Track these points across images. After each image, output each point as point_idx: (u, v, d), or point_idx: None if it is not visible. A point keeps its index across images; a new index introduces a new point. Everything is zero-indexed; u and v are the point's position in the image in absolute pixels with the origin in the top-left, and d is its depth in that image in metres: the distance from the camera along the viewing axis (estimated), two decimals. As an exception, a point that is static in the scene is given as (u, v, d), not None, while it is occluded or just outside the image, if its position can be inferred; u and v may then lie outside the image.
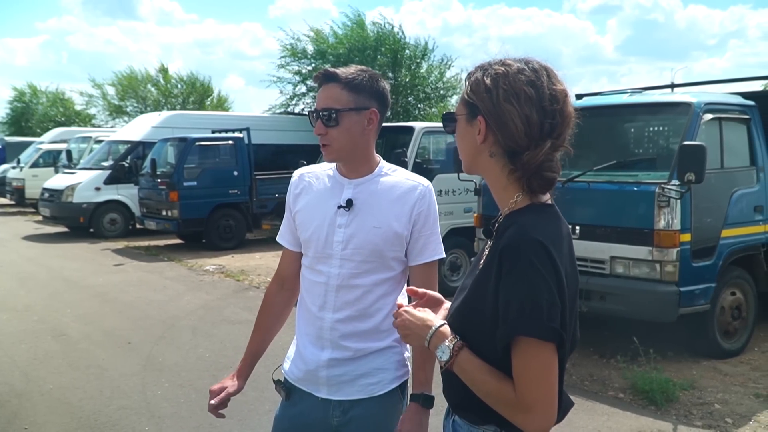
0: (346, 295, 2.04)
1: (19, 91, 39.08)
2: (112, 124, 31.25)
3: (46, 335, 6.65)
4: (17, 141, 26.65)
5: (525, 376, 1.40)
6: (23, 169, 19.71)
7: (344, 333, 2.04)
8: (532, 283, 1.38)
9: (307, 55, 19.23)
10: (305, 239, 2.11)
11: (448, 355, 1.48)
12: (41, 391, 5.10)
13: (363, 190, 2.06)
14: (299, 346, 2.14)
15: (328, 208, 2.06)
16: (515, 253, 1.41)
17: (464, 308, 1.56)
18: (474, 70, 1.56)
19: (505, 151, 1.51)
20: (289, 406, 2.16)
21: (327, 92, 2.00)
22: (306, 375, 2.09)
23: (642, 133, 6.58)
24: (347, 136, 2.00)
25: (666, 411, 4.69)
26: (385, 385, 2.08)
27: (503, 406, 1.44)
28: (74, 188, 14.05)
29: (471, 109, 1.53)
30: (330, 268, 2.04)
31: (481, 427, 1.56)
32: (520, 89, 1.47)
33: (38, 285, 9.24)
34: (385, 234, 2.02)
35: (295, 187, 2.17)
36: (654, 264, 5.28)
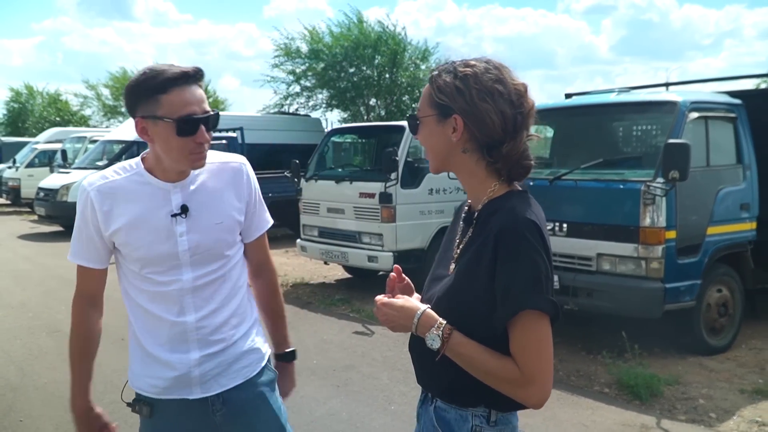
0: (204, 292, 1.98)
1: (15, 92, 39.12)
2: (107, 125, 31.28)
3: (41, 331, 6.71)
4: (13, 141, 26.66)
5: (530, 348, 1.49)
6: (19, 168, 19.77)
7: (212, 328, 1.99)
8: (533, 260, 1.48)
9: (301, 55, 19.31)
10: (140, 257, 1.94)
11: (439, 341, 1.53)
12: (36, 385, 5.17)
13: (192, 190, 1.96)
14: (156, 357, 1.99)
15: (158, 219, 1.92)
16: (513, 233, 1.50)
17: (451, 294, 1.61)
18: (438, 73, 1.64)
19: (480, 145, 1.60)
20: (157, 422, 2.04)
21: (201, 93, 1.87)
22: (174, 381, 1.98)
23: (629, 132, 6.67)
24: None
25: (650, 405, 4.77)
26: (256, 365, 2.08)
27: (505, 382, 1.51)
28: (69, 188, 14.07)
29: (442, 110, 1.61)
30: (181, 276, 1.95)
31: (470, 410, 1.61)
32: (491, 87, 1.58)
33: (33, 283, 9.30)
34: (228, 225, 2.01)
35: (100, 203, 1.92)
36: (639, 261, 5.35)
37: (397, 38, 18.65)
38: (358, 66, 18.25)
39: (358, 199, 7.96)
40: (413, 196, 7.85)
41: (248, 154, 12.90)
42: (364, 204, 7.89)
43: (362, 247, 7.96)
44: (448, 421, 1.64)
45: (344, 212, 8.20)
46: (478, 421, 1.61)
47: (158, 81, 1.80)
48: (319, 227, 8.58)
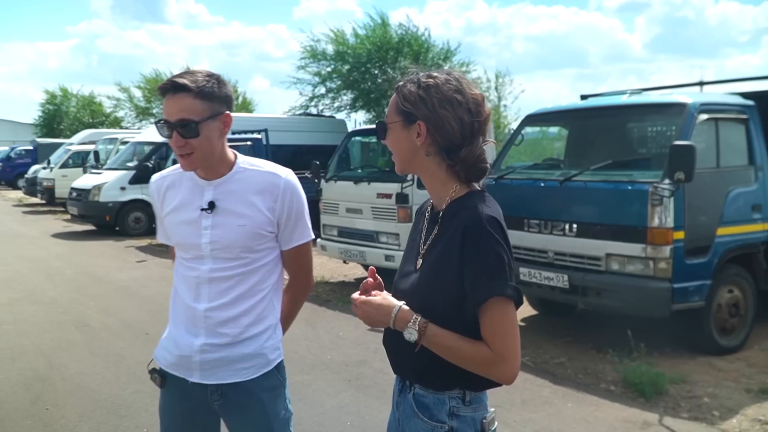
0: (220, 285, 2.13)
1: (50, 94, 39.90)
2: (139, 126, 31.83)
3: (70, 326, 7.00)
4: (48, 142, 27.39)
5: (499, 331, 1.66)
6: (53, 169, 20.31)
7: (219, 320, 2.12)
8: (497, 252, 1.65)
9: (327, 57, 19.50)
10: (176, 242, 2.22)
11: (416, 335, 1.68)
12: (63, 376, 5.43)
13: (224, 190, 2.13)
14: (173, 334, 2.21)
15: (192, 211, 2.13)
16: (478, 229, 1.66)
17: (422, 287, 1.77)
18: (404, 84, 1.81)
19: (441, 149, 1.77)
20: (168, 394, 2.24)
21: (180, 103, 2.00)
22: (178, 360, 2.16)
23: (640, 134, 6.73)
24: (207, 144, 2.05)
25: (655, 403, 4.85)
26: (259, 369, 2.18)
27: (480, 364, 1.67)
28: (100, 188, 14.50)
29: (407, 116, 1.77)
30: (201, 265, 2.13)
31: (446, 393, 1.78)
32: (451, 97, 1.75)
33: (65, 280, 9.63)
34: (250, 230, 2.11)
35: (158, 193, 2.24)
36: (647, 261, 5.42)
37: (420, 39, 18.74)
38: (381, 67, 18.37)
39: (376, 199, 8.12)
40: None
41: (273, 155, 13.14)
42: (382, 204, 8.06)
43: (380, 246, 8.12)
44: (427, 405, 1.79)
45: (362, 212, 8.38)
46: (455, 402, 1.77)
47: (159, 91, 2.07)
48: (339, 227, 8.76)
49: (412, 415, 1.81)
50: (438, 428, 1.76)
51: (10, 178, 30.98)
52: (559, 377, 5.41)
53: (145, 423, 4.48)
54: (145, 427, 4.42)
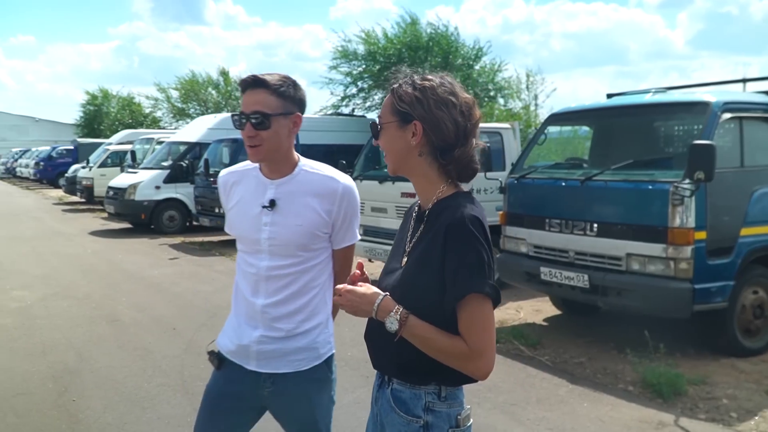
0: (276, 283, 2.26)
1: (91, 95, 40.80)
2: (176, 126, 32.36)
3: (102, 320, 7.21)
4: (89, 142, 28.00)
5: (475, 326, 1.70)
6: (92, 168, 20.79)
7: (275, 316, 2.26)
8: (477, 251, 1.70)
9: (358, 57, 19.61)
10: (237, 235, 2.36)
11: (396, 324, 1.72)
12: (91, 369, 5.61)
13: (284, 190, 2.26)
14: (234, 323, 2.35)
15: (253, 207, 2.26)
16: (460, 227, 1.71)
17: (405, 282, 1.83)
18: (399, 85, 1.86)
19: (434, 149, 1.83)
20: (220, 376, 2.37)
21: (256, 97, 2.17)
22: (238, 349, 2.31)
23: (662, 133, 6.68)
24: (276, 138, 2.19)
25: (672, 404, 4.83)
26: (310, 361, 2.31)
27: (456, 358, 1.72)
28: (136, 187, 14.84)
29: (403, 117, 1.82)
30: (260, 261, 2.26)
31: (423, 389, 1.83)
32: (446, 98, 1.81)
33: (99, 276, 9.91)
34: (307, 230, 2.24)
35: (225, 187, 2.40)
36: (668, 261, 5.38)
37: (449, 39, 18.72)
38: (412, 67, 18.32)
39: (400, 198, 8.19)
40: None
41: (304, 155, 13.20)
42: (406, 204, 8.10)
43: (404, 245, 8.16)
44: (404, 400, 1.84)
45: (387, 211, 8.45)
46: (431, 398, 1.82)
47: (239, 86, 2.28)
48: (364, 226, 8.83)
49: (390, 410, 1.87)
50: (413, 423, 1.81)
51: (52, 177, 31.80)
52: (578, 377, 5.41)
53: (167, 415, 4.61)
54: (166, 419, 4.55)
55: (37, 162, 34.04)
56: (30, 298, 8.25)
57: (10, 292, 8.61)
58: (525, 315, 7.41)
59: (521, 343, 6.17)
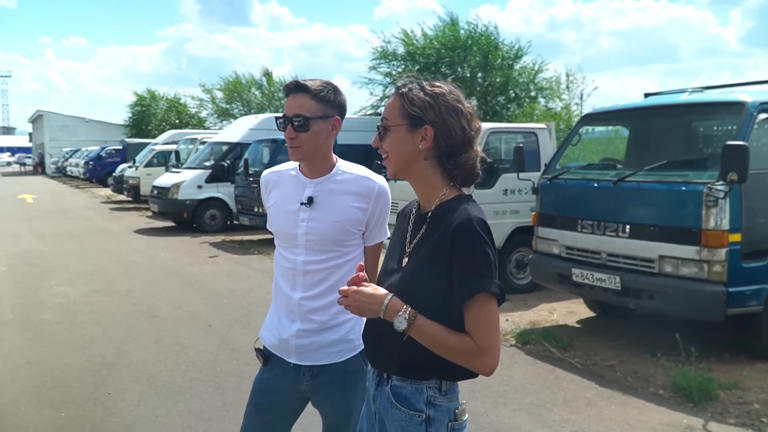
0: (312, 278, 2.37)
1: (139, 96, 41.75)
2: (220, 126, 32.87)
3: (141, 316, 7.41)
4: (136, 142, 28.66)
5: (483, 324, 1.76)
6: (139, 168, 21.29)
7: (311, 308, 2.37)
8: (484, 251, 1.77)
9: (397, 57, 19.65)
10: (275, 231, 2.47)
11: (405, 323, 1.76)
12: (128, 363, 5.77)
13: (322, 189, 2.38)
14: (275, 318, 2.48)
15: (292, 204, 2.39)
16: (468, 229, 1.77)
17: (410, 282, 1.87)
18: (408, 89, 1.90)
19: (440, 154, 1.89)
20: (266, 371, 2.49)
21: (297, 101, 2.30)
22: (279, 342, 2.43)
23: (698, 133, 6.56)
24: (315, 140, 2.31)
25: (702, 408, 4.75)
26: (346, 353, 2.41)
27: (463, 355, 1.77)
28: (179, 186, 15.14)
29: (414, 120, 1.86)
30: (296, 256, 2.38)
31: (424, 383, 1.88)
32: (456, 106, 1.88)
33: (141, 273, 10.17)
34: (342, 226, 2.35)
35: (266, 186, 2.53)
36: (702, 263, 5.29)
37: (489, 38, 18.62)
38: (451, 66, 18.39)
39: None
40: (488, 196, 7.98)
41: (342, 155, 13.24)
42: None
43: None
44: (405, 395, 1.88)
45: (420, 211, 8.44)
46: (432, 392, 1.87)
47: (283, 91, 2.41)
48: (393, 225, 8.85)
49: (390, 407, 1.91)
50: (416, 417, 1.86)
51: (100, 176, 32.64)
52: (607, 380, 5.36)
53: (197, 409, 4.73)
54: (197, 413, 4.67)
55: (87, 161, 34.97)
56: (73, 294, 8.52)
57: (55, 288, 8.90)
58: (558, 317, 7.36)
59: (552, 345, 6.13)
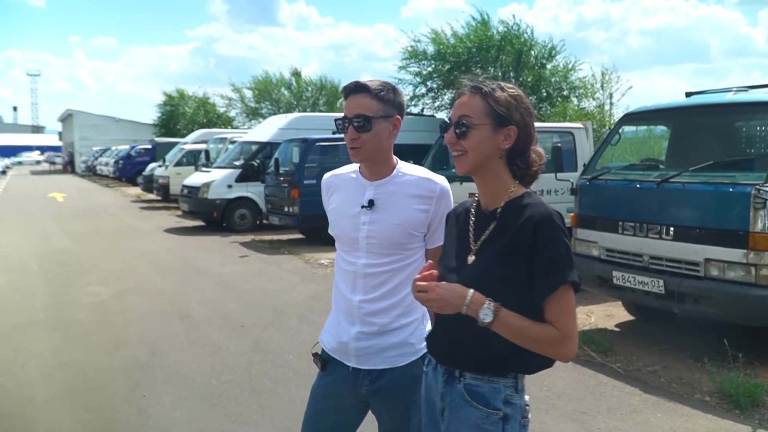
0: (373, 281, 2.33)
1: (168, 96, 42.10)
2: (249, 126, 33.01)
3: (174, 317, 7.40)
4: (165, 141, 28.90)
5: (566, 313, 1.83)
6: (168, 167, 21.41)
7: (371, 311, 2.33)
8: (565, 243, 1.84)
9: (427, 57, 19.52)
10: (336, 235, 2.44)
11: (491, 315, 1.79)
12: (162, 364, 5.75)
13: (383, 191, 2.33)
14: (334, 321, 2.45)
15: (353, 207, 2.35)
16: (550, 222, 1.83)
17: (485, 278, 1.88)
18: (492, 89, 1.92)
19: (515, 154, 1.94)
20: (324, 375, 2.45)
21: (358, 101, 2.27)
22: (339, 346, 2.39)
23: (743, 133, 6.37)
24: (377, 140, 2.28)
25: (750, 415, 4.59)
26: (406, 357, 2.35)
27: (548, 343, 1.82)
28: (209, 185, 15.19)
29: (500, 120, 1.89)
30: (357, 259, 2.34)
31: (500, 382, 1.90)
32: (530, 109, 1.96)
33: (172, 272, 10.19)
34: (404, 229, 2.30)
35: (326, 189, 2.50)
36: (749, 267, 5.13)
37: (522, 38, 18.42)
38: (482, 66, 18.19)
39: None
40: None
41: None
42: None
43: (472, 246, 8.06)
44: (482, 394, 1.90)
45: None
46: (509, 390, 1.91)
47: (342, 92, 2.39)
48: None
49: (464, 404, 1.92)
50: (493, 415, 1.88)
51: (130, 175, 32.92)
52: (651, 386, 5.21)
53: (234, 412, 4.68)
54: (233, 416, 4.62)
55: (117, 160, 35.33)
56: (105, 293, 8.55)
57: (87, 288, 8.93)
58: (596, 320, 7.20)
59: (592, 350, 5.99)
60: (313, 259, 11.45)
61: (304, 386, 5.18)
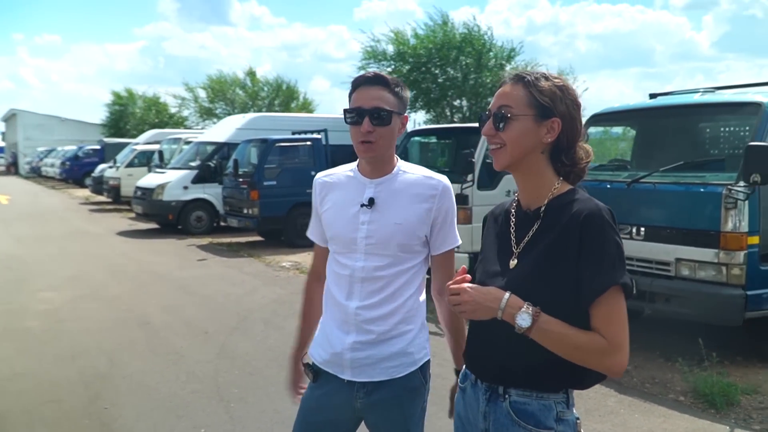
0: (371, 286, 2.18)
1: (117, 95, 41.16)
2: (202, 126, 32.48)
3: (132, 324, 7.11)
4: (115, 142, 28.21)
5: (616, 319, 1.64)
6: (119, 168, 20.88)
7: (368, 318, 2.17)
8: (616, 242, 1.66)
9: (387, 57, 19.43)
10: (331, 236, 2.28)
11: (529, 320, 1.62)
12: (123, 374, 5.49)
13: (384, 189, 2.20)
14: (326, 331, 2.28)
15: (351, 206, 2.21)
16: (599, 219, 1.65)
17: (528, 282, 1.71)
18: (536, 78, 1.76)
19: (558, 148, 1.76)
20: (315, 387, 2.29)
21: (376, 93, 2.13)
22: (332, 357, 2.23)
23: (712, 134, 6.44)
24: (391, 136, 2.17)
25: (725, 414, 4.62)
26: (405, 368, 2.20)
27: (594, 354, 1.63)
28: (164, 187, 14.80)
29: (543, 111, 1.73)
30: (354, 262, 2.19)
31: (551, 398, 1.72)
32: (577, 100, 1.78)
33: (127, 277, 9.84)
34: (406, 229, 2.16)
35: (320, 189, 2.33)
36: (720, 267, 5.17)
37: (483, 39, 18.48)
38: (442, 67, 18.21)
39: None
40: (490, 197, 7.82)
41: (333, 155, 13.18)
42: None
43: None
44: (531, 413, 1.73)
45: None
46: (561, 407, 1.74)
47: (351, 84, 2.21)
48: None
49: (511, 424, 1.75)
50: None
51: (78, 176, 32.02)
52: (625, 386, 5.20)
53: (203, 423, 4.48)
54: (202, 428, 4.42)
55: (63, 161, 34.31)
56: (58, 300, 8.18)
57: (38, 294, 8.54)
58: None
59: (563, 351, 5.95)
60: (274, 261, 11.23)
61: (276, 394, 5.08)
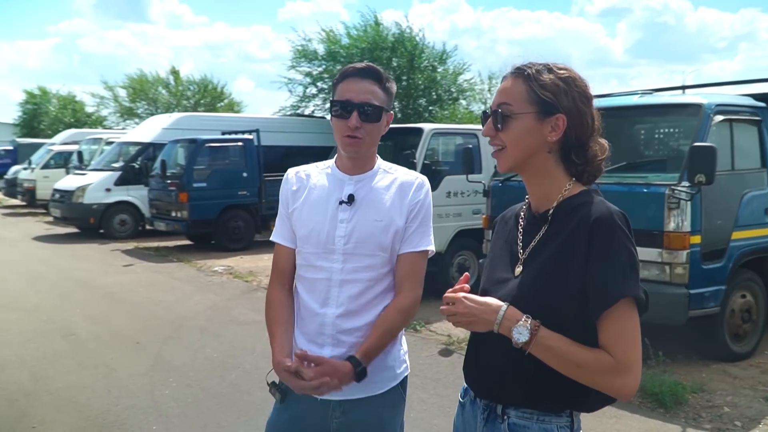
0: (350, 290, 2.01)
1: (29, 93, 39.42)
2: (123, 126, 31.42)
3: (55, 335, 6.68)
4: (29, 142, 26.91)
5: (626, 336, 1.48)
6: (34, 170, 19.91)
7: (346, 328, 2.01)
8: (628, 249, 1.49)
9: (318, 57, 19.23)
10: (304, 235, 2.08)
11: (527, 335, 1.47)
12: (49, 390, 5.12)
13: (364, 186, 2.08)
14: (297, 345, 2.08)
15: (329, 204, 2.06)
16: (610, 224, 1.50)
17: (533, 291, 1.56)
18: (537, 71, 1.61)
19: (566, 146, 1.61)
20: (283, 409, 2.09)
21: (367, 87, 2.00)
22: None
23: (653, 135, 6.54)
24: (378, 133, 2.06)
25: (675, 414, 4.66)
26: (385, 383, 2.06)
27: (600, 374, 1.47)
28: (85, 189, 14.14)
29: (545, 108, 1.58)
30: (332, 264, 2.02)
31: (554, 421, 1.57)
32: (587, 93, 1.62)
33: (48, 285, 9.29)
34: (387, 227, 2.03)
35: (291, 185, 2.16)
36: (664, 266, 5.24)
37: (415, 41, 18.53)
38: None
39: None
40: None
41: (264, 156, 12.92)
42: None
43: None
44: None
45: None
46: (564, 431, 1.58)
47: (339, 74, 2.08)
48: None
49: None
50: None
51: (-12, 179, 30.35)
52: (573, 388, 5.19)
53: (141, 441, 4.19)
54: (140, 446, 4.14)
55: (-28, 163, 32.47)
56: (-26, 311, 7.62)
57: (-49, 304, 7.94)
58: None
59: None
60: (205, 266, 10.84)
61: (217, 407, 4.82)
